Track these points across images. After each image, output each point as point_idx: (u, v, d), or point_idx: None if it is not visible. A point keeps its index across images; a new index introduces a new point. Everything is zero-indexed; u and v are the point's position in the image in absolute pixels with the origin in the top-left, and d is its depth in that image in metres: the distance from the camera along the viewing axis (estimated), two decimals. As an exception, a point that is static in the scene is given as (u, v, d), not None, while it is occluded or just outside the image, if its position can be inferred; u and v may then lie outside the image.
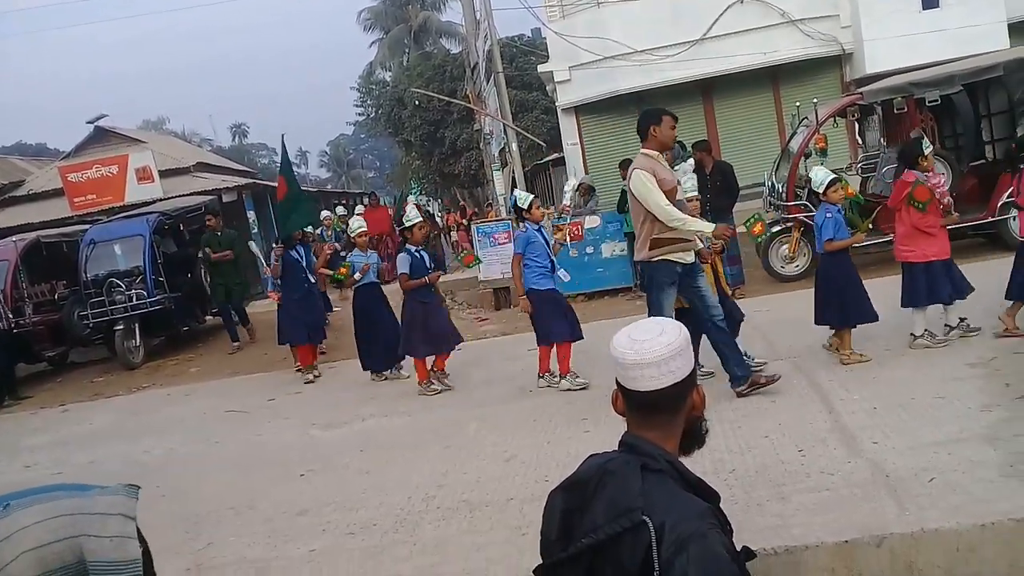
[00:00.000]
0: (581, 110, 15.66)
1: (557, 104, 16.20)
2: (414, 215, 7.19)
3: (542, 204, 7.09)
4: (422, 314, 6.78)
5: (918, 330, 5.76)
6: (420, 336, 6.77)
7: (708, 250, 5.66)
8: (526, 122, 22.47)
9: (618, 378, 1.60)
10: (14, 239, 12.16)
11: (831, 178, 5.73)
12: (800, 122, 10.47)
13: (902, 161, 6.24)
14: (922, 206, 5.66)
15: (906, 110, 9.19)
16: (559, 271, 6.54)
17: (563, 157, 17.20)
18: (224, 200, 16.13)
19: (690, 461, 1.60)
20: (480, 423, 5.73)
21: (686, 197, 5.67)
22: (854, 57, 14.61)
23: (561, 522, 1.54)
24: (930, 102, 8.93)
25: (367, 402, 6.94)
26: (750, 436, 4.55)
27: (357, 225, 7.93)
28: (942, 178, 6.12)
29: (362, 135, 61.89)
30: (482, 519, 4.04)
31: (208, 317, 12.67)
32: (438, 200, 37.60)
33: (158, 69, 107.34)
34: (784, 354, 6.17)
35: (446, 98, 20.28)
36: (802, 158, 9.62)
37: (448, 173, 29.04)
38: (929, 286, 5.69)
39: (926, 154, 5.80)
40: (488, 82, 12.52)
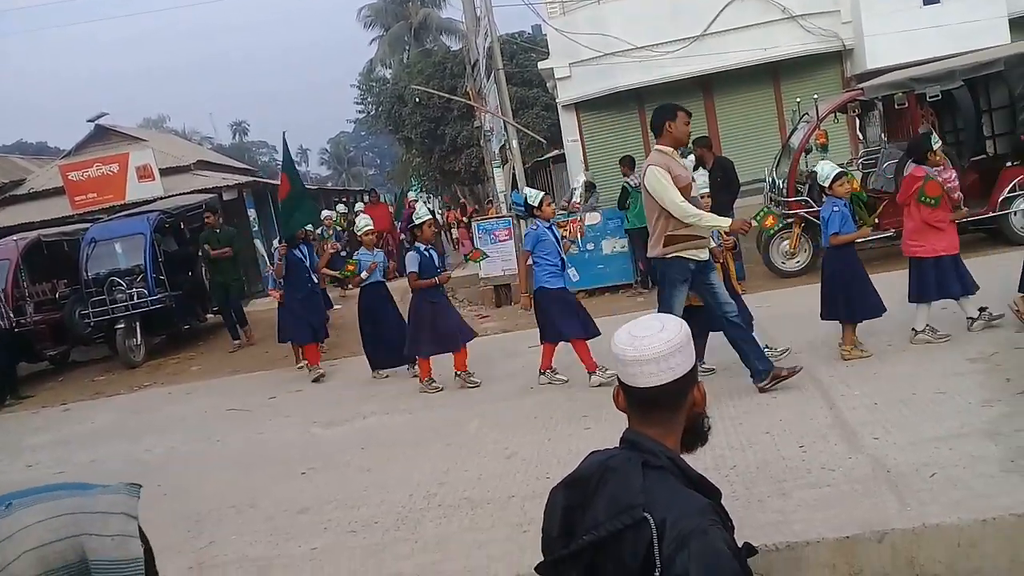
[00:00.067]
0: (581, 107, 15.63)
1: (557, 101, 16.17)
2: (424, 212, 7.13)
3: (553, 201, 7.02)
4: (430, 313, 6.71)
5: (919, 325, 5.75)
6: (427, 336, 6.71)
7: (719, 248, 5.64)
8: (526, 119, 22.42)
9: (619, 374, 1.60)
10: (15, 238, 12.16)
11: (837, 171, 5.70)
12: (801, 118, 10.46)
13: (911, 156, 6.19)
14: (934, 201, 5.63)
15: (907, 106, 9.18)
16: (569, 269, 6.42)
17: (563, 154, 17.18)
18: (225, 198, 16.11)
19: (691, 457, 1.60)
20: (481, 420, 5.74)
21: (699, 194, 5.61)
22: (855, 53, 14.56)
23: (562, 519, 1.54)
24: (931, 97, 8.92)
25: (368, 400, 6.95)
26: (751, 432, 4.56)
27: (364, 223, 7.85)
28: (953, 172, 6.06)
29: (362, 132, 61.86)
30: (483, 516, 4.05)
31: (209, 315, 12.69)
32: (438, 197, 37.58)
33: (158, 67, 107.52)
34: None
35: (446, 95, 20.22)
36: (803, 154, 9.62)
37: (448, 170, 28.99)
38: (939, 281, 5.67)
39: (935, 149, 5.76)
40: (488, 79, 12.49)
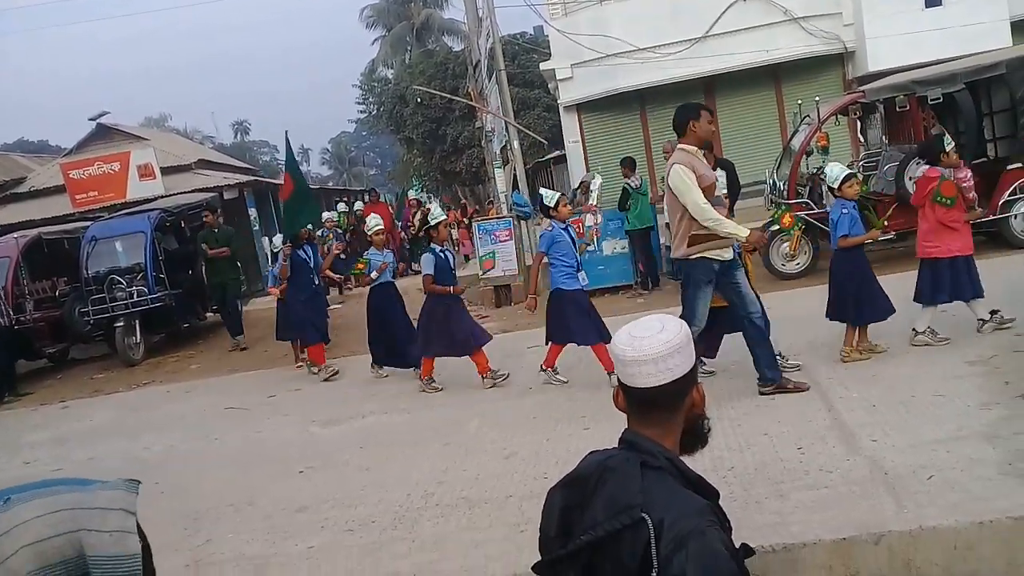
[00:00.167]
0: (583, 108, 15.65)
1: (559, 102, 16.20)
2: (439, 212, 7.07)
3: (568, 202, 6.94)
4: (442, 315, 6.63)
5: (921, 326, 5.74)
6: (438, 337, 6.64)
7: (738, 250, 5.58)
8: (528, 120, 22.44)
9: (618, 375, 1.60)
10: (15, 236, 12.17)
11: (846, 173, 5.67)
12: (802, 120, 10.46)
13: (923, 158, 6.17)
14: (950, 201, 5.61)
15: (908, 108, 9.18)
16: (580, 273, 6.32)
17: (564, 155, 17.18)
18: (226, 197, 16.13)
19: (689, 458, 1.60)
20: (480, 420, 5.74)
21: (722, 194, 5.54)
22: (856, 55, 14.58)
23: (560, 519, 1.54)
24: (932, 100, 8.91)
25: (367, 399, 6.95)
26: (749, 434, 4.56)
27: (374, 223, 7.78)
28: (968, 172, 6.03)
29: (364, 132, 61.86)
30: (481, 516, 4.05)
31: (209, 314, 12.69)
32: (439, 197, 37.57)
33: (159, 66, 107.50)
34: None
35: (448, 95, 20.22)
36: (804, 156, 9.62)
37: (449, 171, 29.01)
38: (953, 282, 5.66)
39: (948, 150, 5.73)
40: (490, 80, 12.48)
